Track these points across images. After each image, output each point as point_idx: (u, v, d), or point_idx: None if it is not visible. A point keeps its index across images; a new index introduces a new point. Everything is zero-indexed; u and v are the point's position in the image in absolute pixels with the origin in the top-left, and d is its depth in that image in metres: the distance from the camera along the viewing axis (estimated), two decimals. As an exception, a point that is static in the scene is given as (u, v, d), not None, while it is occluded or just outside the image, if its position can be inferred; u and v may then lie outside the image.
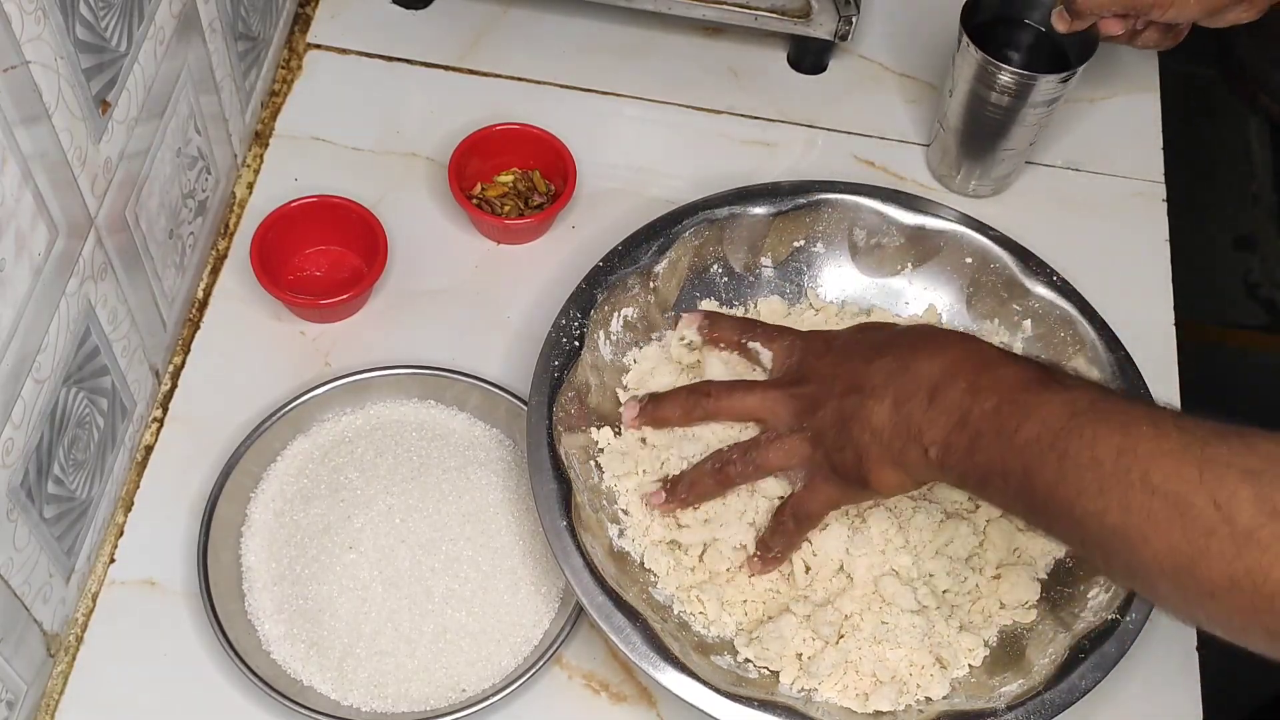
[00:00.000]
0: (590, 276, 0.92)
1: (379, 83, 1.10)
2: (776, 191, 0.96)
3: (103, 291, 0.82)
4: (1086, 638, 0.81)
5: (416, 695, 0.84)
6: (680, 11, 1.08)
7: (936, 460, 0.73)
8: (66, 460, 0.81)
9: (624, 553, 0.86)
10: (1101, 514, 0.64)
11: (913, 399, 0.75)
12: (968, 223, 0.95)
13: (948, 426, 0.72)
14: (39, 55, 0.68)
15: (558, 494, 0.83)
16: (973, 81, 0.99)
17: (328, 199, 0.99)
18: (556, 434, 0.85)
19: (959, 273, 0.96)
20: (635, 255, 0.93)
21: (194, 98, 0.92)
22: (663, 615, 0.83)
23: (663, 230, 0.94)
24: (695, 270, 0.96)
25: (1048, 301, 0.93)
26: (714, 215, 0.95)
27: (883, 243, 0.97)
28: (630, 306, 0.93)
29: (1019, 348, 0.94)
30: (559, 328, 0.89)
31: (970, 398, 0.72)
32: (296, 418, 0.92)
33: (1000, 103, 0.98)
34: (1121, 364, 0.91)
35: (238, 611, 0.86)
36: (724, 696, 0.79)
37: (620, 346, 0.93)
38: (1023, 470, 0.68)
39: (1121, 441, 0.64)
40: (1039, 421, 0.68)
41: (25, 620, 0.79)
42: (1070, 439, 0.66)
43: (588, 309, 0.90)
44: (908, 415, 0.75)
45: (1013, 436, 0.69)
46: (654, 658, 0.79)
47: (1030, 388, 0.70)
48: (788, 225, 0.96)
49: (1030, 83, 0.96)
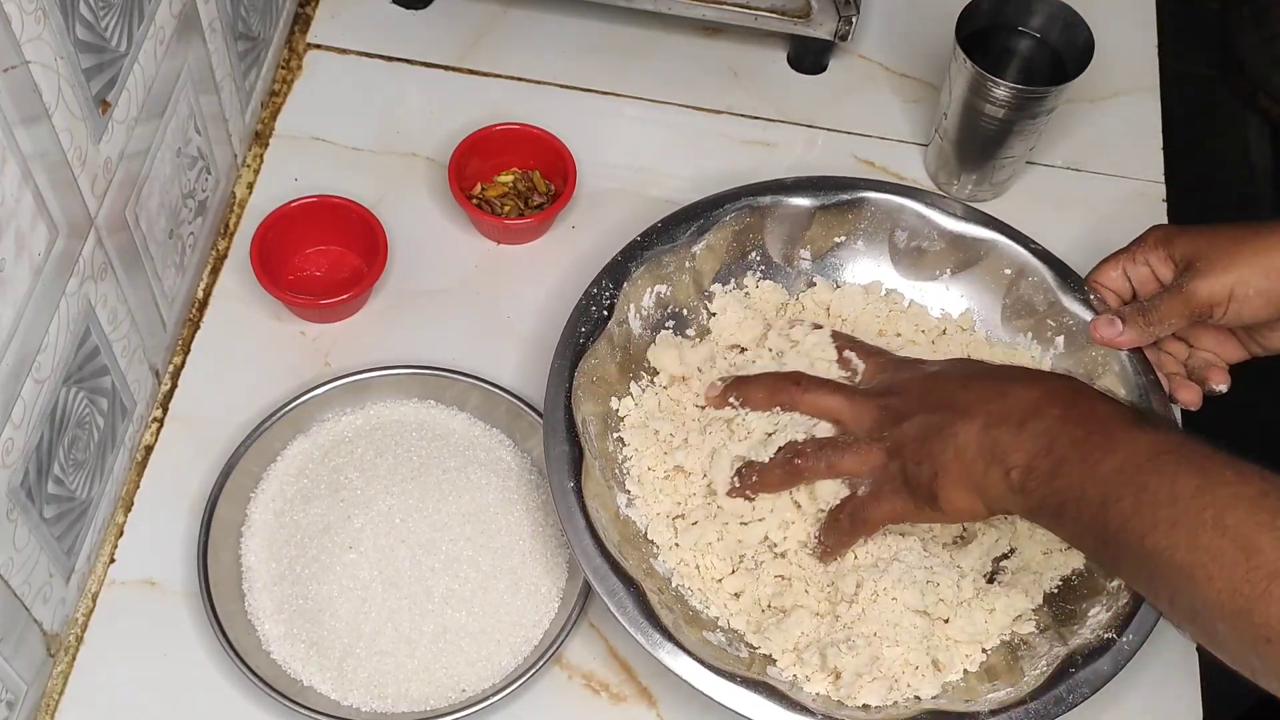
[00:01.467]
0: (627, 250, 0.92)
1: (379, 83, 1.10)
2: (822, 185, 0.96)
3: (103, 291, 0.82)
4: (1080, 653, 0.81)
5: (416, 695, 0.84)
6: (680, 11, 1.08)
7: (1018, 483, 0.73)
8: (66, 460, 0.81)
9: (629, 520, 0.86)
10: (1170, 550, 0.65)
11: (1004, 423, 0.75)
12: (1010, 234, 0.95)
13: (1034, 451, 0.73)
14: (39, 55, 0.68)
15: (568, 455, 0.83)
16: (968, 93, 0.99)
17: (328, 199, 0.99)
18: (576, 399, 0.85)
19: (997, 283, 0.96)
20: (674, 234, 0.93)
21: (194, 98, 0.92)
22: (660, 586, 0.83)
23: (704, 212, 0.94)
24: (733, 255, 0.96)
25: (1082, 319, 0.93)
26: (757, 202, 0.95)
27: (923, 246, 0.97)
28: (664, 284, 0.93)
29: (1049, 364, 0.94)
30: (589, 296, 0.90)
31: (1060, 425, 0.73)
32: (296, 418, 0.92)
33: (996, 114, 0.98)
34: (1151, 388, 0.90)
35: (238, 611, 0.86)
36: (714, 673, 0.78)
37: (650, 323, 0.93)
38: (1100, 500, 0.69)
39: (1200, 482, 0.65)
40: (1123, 454, 0.69)
41: (25, 620, 0.79)
42: (1151, 474, 0.67)
43: (620, 280, 0.90)
44: (995, 438, 0.75)
45: (1096, 465, 0.69)
46: (644, 625, 0.79)
47: (1120, 423, 0.71)
48: (830, 220, 0.96)
49: (1025, 95, 0.96)
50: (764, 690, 0.79)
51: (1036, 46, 1.02)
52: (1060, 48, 1.00)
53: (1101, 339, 0.91)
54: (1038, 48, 1.02)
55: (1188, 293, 0.86)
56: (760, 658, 0.83)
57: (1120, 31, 1.01)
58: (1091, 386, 0.79)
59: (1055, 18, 1.00)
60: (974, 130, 1.01)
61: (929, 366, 0.86)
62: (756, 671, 0.81)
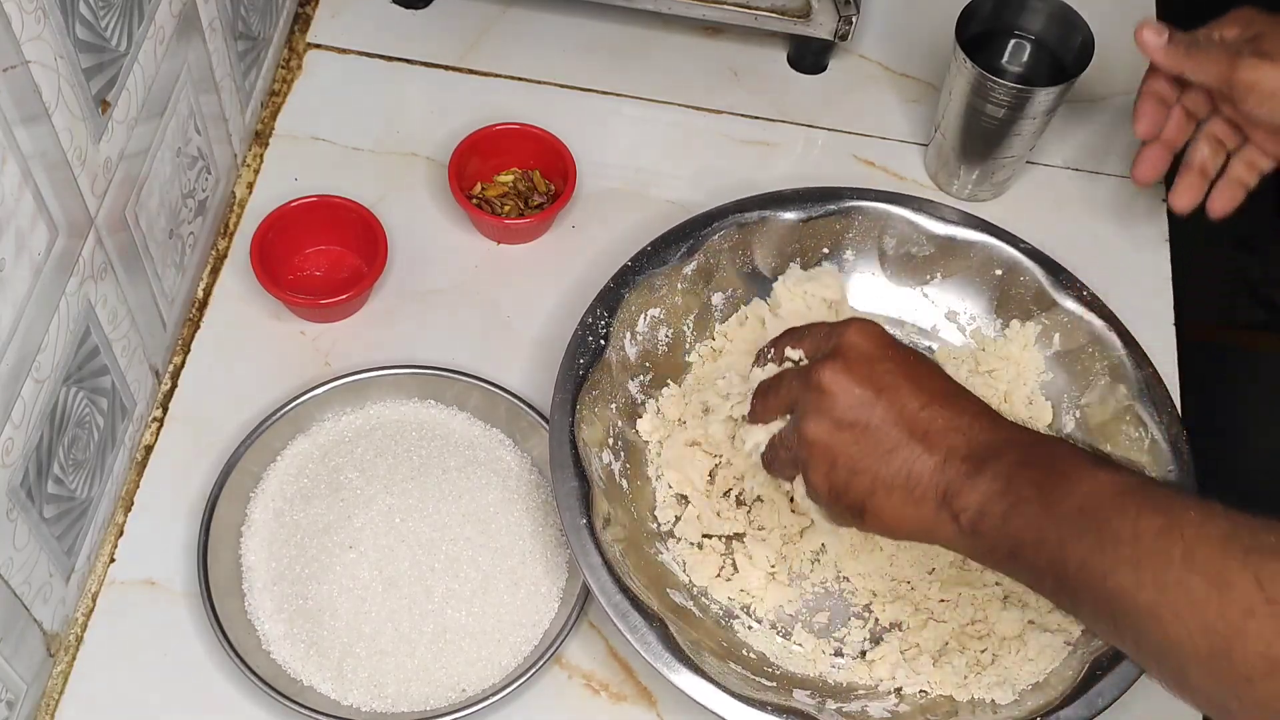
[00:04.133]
0: (619, 276, 0.92)
1: (379, 83, 1.10)
2: (808, 197, 0.96)
3: (103, 291, 0.82)
4: (1104, 656, 0.81)
5: (416, 695, 0.84)
6: (680, 11, 1.08)
7: (968, 526, 0.70)
8: (66, 460, 0.81)
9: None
10: (1135, 590, 0.62)
11: (963, 462, 0.70)
12: (999, 234, 0.95)
13: (988, 494, 0.69)
14: (39, 55, 0.68)
15: (578, 491, 0.83)
16: (968, 93, 0.99)
17: (328, 199, 0.99)
18: (578, 431, 0.85)
19: (988, 284, 0.96)
20: (664, 256, 0.93)
21: (194, 97, 0.92)
22: (676, 612, 0.84)
23: (692, 232, 0.94)
24: (724, 273, 0.96)
25: (1076, 316, 0.93)
26: (744, 219, 0.95)
27: (912, 252, 0.97)
28: (657, 307, 0.93)
29: (1043, 363, 0.95)
30: (585, 326, 0.90)
31: (1017, 469, 0.69)
32: (296, 418, 0.92)
33: (996, 114, 0.98)
34: (1149, 381, 0.91)
35: (238, 611, 0.86)
36: (739, 700, 0.79)
37: (645, 347, 0.93)
38: (1058, 540, 0.65)
39: (1165, 521, 0.62)
40: (1083, 494, 0.66)
41: (25, 620, 0.79)
42: (1113, 513, 0.64)
43: (614, 307, 0.91)
44: (951, 479, 0.70)
45: (1054, 506, 0.66)
46: (668, 658, 0.79)
47: (1079, 464, 0.68)
48: (818, 231, 0.96)
49: (1025, 95, 0.96)
50: (797, 717, 0.79)
51: (1036, 47, 1.02)
52: (1060, 48, 1.00)
53: (1143, 40, 0.91)
54: (1038, 48, 1.02)
55: (1239, 63, 0.85)
56: (783, 686, 0.84)
57: (1120, 31, 1.01)
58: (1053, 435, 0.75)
59: (1055, 18, 1.00)
60: (974, 130, 1.01)
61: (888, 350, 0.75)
62: (783, 697, 0.82)
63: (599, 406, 0.88)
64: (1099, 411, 0.92)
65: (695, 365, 0.95)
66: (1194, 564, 0.60)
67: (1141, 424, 0.89)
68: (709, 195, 1.01)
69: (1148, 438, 0.89)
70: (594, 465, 0.86)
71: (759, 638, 0.87)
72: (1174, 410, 0.91)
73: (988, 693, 0.83)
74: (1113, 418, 0.91)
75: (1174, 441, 0.89)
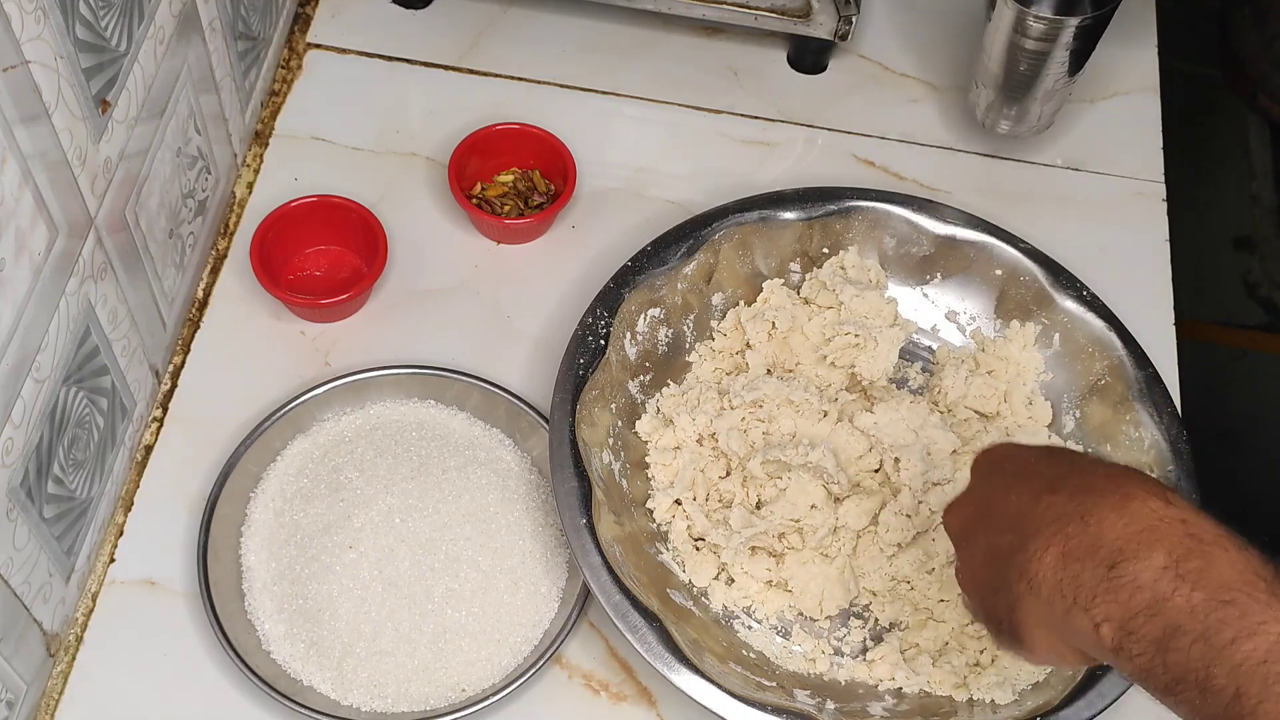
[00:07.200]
0: (619, 276, 0.92)
1: (379, 83, 1.10)
2: (808, 197, 0.96)
3: (103, 291, 0.82)
4: None
5: (416, 695, 0.84)
6: (680, 11, 1.08)
7: (1112, 642, 0.59)
8: (66, 460, 0.81)
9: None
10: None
11: (1087, 558, 0.60)
12: (999, 234, 0.96)
13: (1132, 607, 0.58)
14: (39, 55, 0.68)
15: (578, 491, 0.84)
16: (1011, 32, 0.97)
17: (328, 199, 0.99)
18: (579, 431, 0.85)
19: (988, 284, 0.96)
20: (664, 256, 0.93)
21: (194, 97, 0.92)
22: (676, 612, 0.84)
23: (692, 232, 0.94)
24: (724, 273, 0.96)
25: (1076, 316, 0.93)
26: (744, 219, 0.95)
27: (912, 251, 0.97)
28: (657, 307, 0.93)
29: (1043, 363, 0.95)
30: (585, 326, 0.90)
31: (1170, 582, 0.58)
32: (296, 417, 0.92)
33: (1039, 49, 0.97)
34: (1150, 381, 0.91)
35: (238, 611, 0.86)
36: (739, 700, 0.79)
37: (644, 347, 0.93)
38: (1235, 693, 0.55)
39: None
40: (1269, 639, 0.55)
41: (25, 620, 0.79)
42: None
43: (615, 307, 0.90)
44: (1076, 575, 0.60)
45: (1226, 648, 0.56)
46: (668, 658, 0.79)
47: (1256, 589, 0.57)
48: (818, 231, 0.96)
49: (1064, 26, 0.95)
50: (795, 716, 0.79)
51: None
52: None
53: None
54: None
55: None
56: (784, 687, 0.84)
57: (1120, 31, 1.01)
58: (1202, 514, 0.60)
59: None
60: (1014, 70, 0.99)
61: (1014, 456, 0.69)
62: (783, 698, 0.82)
63: (599, 406, 0.88)
64: (1099, 411, 0.92)
65: (695, 365, 0.95)
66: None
67: (1141, 424, 0.90)
68: (709, 195, 1.01)
69: (1148, 438, 0.89)
70: (594, 465, 0.85)
71: (759, 638, 0.87)
72: (1174, 410, 0.91)
73: (987, 693, 0.83)
74: (1113, 418, 0.91)
75: (1174, 441, 0.89)
